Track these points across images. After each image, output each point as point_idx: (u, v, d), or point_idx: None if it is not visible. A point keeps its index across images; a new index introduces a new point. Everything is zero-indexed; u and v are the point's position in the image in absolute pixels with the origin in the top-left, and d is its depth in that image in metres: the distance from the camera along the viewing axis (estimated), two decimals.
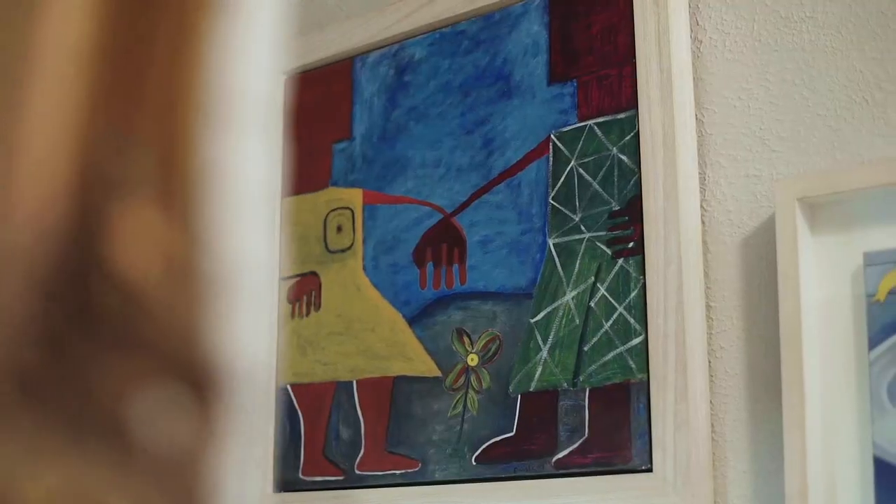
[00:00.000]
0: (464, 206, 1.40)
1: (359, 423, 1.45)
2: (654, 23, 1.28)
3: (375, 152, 1.50)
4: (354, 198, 1.51)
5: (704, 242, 1.26)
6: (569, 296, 1.29)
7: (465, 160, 1.41)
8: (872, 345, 1.12)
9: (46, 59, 0.30)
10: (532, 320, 1.32)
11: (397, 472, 1.40)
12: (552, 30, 1.36)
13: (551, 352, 1.29)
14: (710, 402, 1.23)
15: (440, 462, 1.36)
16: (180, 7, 0.31)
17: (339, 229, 1.52)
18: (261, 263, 0.34)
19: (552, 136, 1.34)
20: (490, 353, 1.34)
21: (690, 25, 1.31)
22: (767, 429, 1.20)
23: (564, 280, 1.30)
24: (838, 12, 1.22)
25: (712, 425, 1.22)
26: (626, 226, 1.27)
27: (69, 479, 0.27)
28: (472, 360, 1.36)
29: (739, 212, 1.25)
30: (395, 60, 1.51)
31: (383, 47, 1.52)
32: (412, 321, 1.42)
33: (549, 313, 1.31)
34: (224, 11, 0.33)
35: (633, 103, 1.28)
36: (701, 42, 1.31)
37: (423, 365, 1.40)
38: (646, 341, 1.23)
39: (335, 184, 1.54)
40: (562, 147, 1.33)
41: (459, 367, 1.37)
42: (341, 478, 1.45)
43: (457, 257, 1.39)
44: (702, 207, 1.27)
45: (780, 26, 1.26)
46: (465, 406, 1.35)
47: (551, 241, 1.32)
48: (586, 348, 1.27)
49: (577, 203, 1.31)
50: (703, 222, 1.27)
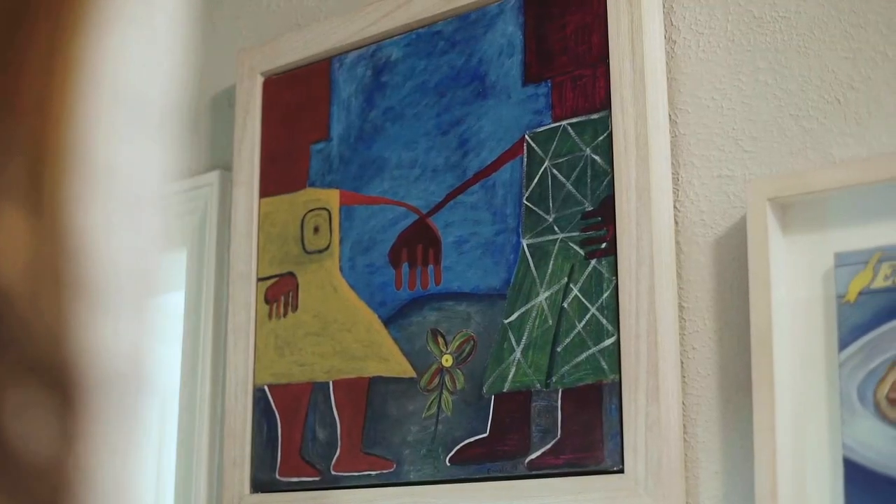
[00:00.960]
0: (439, 206, 1.40)
1: (335, 424, 1.45)
2: (627, 23, 1.27)
3: (352, 153, 1.50)
4: (331, 198, 1.51)
5: (677, 243, 1.26)
6: (542, 296, 1.29)
7: (440, 161, 1.41)
8: (842, 346, 1.12)
9: None
10: (506, 321, 1.32)
11: (372, 472, 1.40)
12: (527, 30, 1.36)
13: (525, 352, 1.29)
14: (683, 402, 1.23)
15: (415, 463, 1.36)
16: (56, 13, 0.31)
17: (316, 230, 1.52)
18: (143, 267, 0.34)
19: (526, 136, 1.34)
20: (464, 354, 1.34)
21: (664, 25, 1.31)
22: (739, 429, 1.19)
23: (538, 281, 1.30)
24: (811, 12, 1.22)
25: (684, 426, 1.22)
26: (598, 226, 1.26)
27: None
28: (446, 360, 1.36)
29: (712, 212, 1.25)
30: (372, 61, 1.50)
31: (361, 48, 1.52)
32: (388, 322, 1.42)
33: (522, 314, 1.30)
34: (108, 16, 0.33)
35: (607, 104, 1.28)
36: (675, 42, 1.31)
37: (398, 366, 1.40)
38: (618, 342, 1.22)
39: (313, 184, 1.54)
40: (536, 147, 1.33)
41: (434, 367, 1.37)
42: (317, 478, 1.45)
43: (432, 258, 1.39)
44: (675, 208, 1.27)
45: (753, 26, 1.26)
46: (439, 407, 1.35)
47: (525, 242, 1.32)
48: (559, 349, 1.27)
49: (550, 203, 1.31)
50: (676, 222, 1.27)
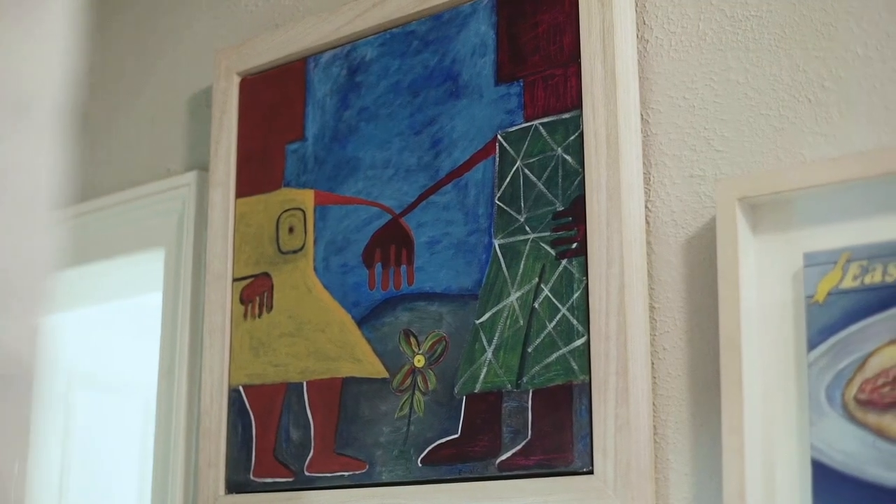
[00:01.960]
0: (412, 206, 1.40)
1: (308, 425, 1.44)
2: (599, 22, 1.27)
3: (327, 153, 1.49)
4: (306, 198, 1.51)
5: (649, 243, 1.26)
6: (513, 297, 1.29)
7: (413, 161, 1.41)
8: (811, 346, 1.12)
9: None
10: (477, 321, 1.31)
11: (345, 473, 1.39)
12: (500, 29, 1.36)
13: (496, 353, 1.29)
14: (653, 403, 1.22)
15: (387, 464, 1.36)
16: None
17: (290, 230, 1.51)
18: (31, 266, 0.33)
19: (499, 136, 1.33)
20: (436, 355, 1.34)
21: (637, 24, 1.30)
22: (709, 431, 1.19)
23: (509, 281, 1.29)
24: (783, 11, 1.21)
25: (654, 427, 1.22)
26: (569, 226, 1.26)
27: None
28: (418, 361, 1.35)
29: (683, 212, 1.24)
30: (347, 61, 1.50)
31: (336, 47, 1.51)
32: (361, 322, 1.41)
33: (493, 314, 1.30)
34: None
35: (578, 103, 1.27)
36: (647, 41, 1.30)
37: (371, 366, 1.40)
38: (588, 343, 1.22)
39: (288, 185, 1.53)
40: (508, 147, 1.32)
41: (406, 368, 1.36)
42: (291, 479, 1.45)
43: (405, 258, 1.39)
44: (646, 208, 1.26)
45: (725, 25, 1.25)
46: (411, 407, 1.35)
47: (497, 242, 1.31)
48: (530, 349, 1.26)
49: (522, 203, 1.30)
50: (647, 223, 1.26)
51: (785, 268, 1.15)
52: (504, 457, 1.26)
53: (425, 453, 1.33)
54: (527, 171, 1.30)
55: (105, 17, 1.99)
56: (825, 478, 1.09)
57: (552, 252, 1.27)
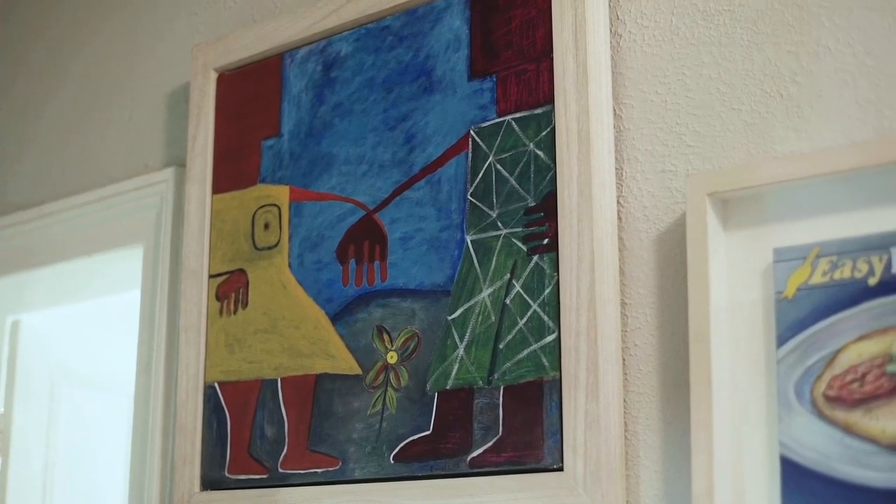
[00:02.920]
0: (385, 202, 1.39)
1: (283, 422, 1.44)
2: (571, 17, 1.26)
3: (302, 149, 1.49)
4: (281, 195, 1.50)
5: (621, 238, 1.25)
6: (485, 293, 1.28)
7: (387, 156, 1.40)
8: (781, 342, 1.11)
9: None
10: (449, 317, 1.31)
11: (318, 470, 1.39)
12: (473, 24, 1.35)
13: (468, 349, 1.28)
14: (624, 400, 1.21)
15: (359, 461, 1.35)
16: None
17: (266, 226, 1.51)
18: None
19: (472, 131, 1.33)
20: (409, 351, 1.33)
21: (610, 19, 1.29)
22: (680, 427, 1.18)
23: (481, 277, 1.29)
24: (755, 5, 1.21)
25: (625, 423, 1.21)
26: (541, 222, 1.25)
27: None
28: (391, 357, 1.35)
29: (655, 207, 1.24)
30: (322, 56, 1.49)
31: (311, 43, 1.51)
32: (335, 318, 1.41)
33: (465, 310, 1.29)
34: None
35: (551, 98, 1.27)
36: (621, 36, 1.29)
37: (344, 363, 1.39)
38: (559, 339, 1.21)
39: (264, 181, 1.53)
40: (480, 143, 1.32)
41: (379, 364, 1.36)
42: (265, 476, 1.44)
43: (378, 254, 1.38)
44: (619, 203, 1.26)
45: (697, 19, 1.24)
46: (384, 404, 1.34)
47: (469, 238, 1.31)
48: (501, 346, 1.26)
49: (494, 199, 1.29)
50: (619, 218, 1.25)
51: (755, 263, 1.15)
52: (475, 454, 1.26)
53: (397, 450, 1.32)
54: (499, 166, 1.30)
55: (83, 13, 1.99)
56: (794, 475, 1.08)
57: (524, 248, 1.26)
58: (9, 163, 2.05)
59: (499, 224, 1.29)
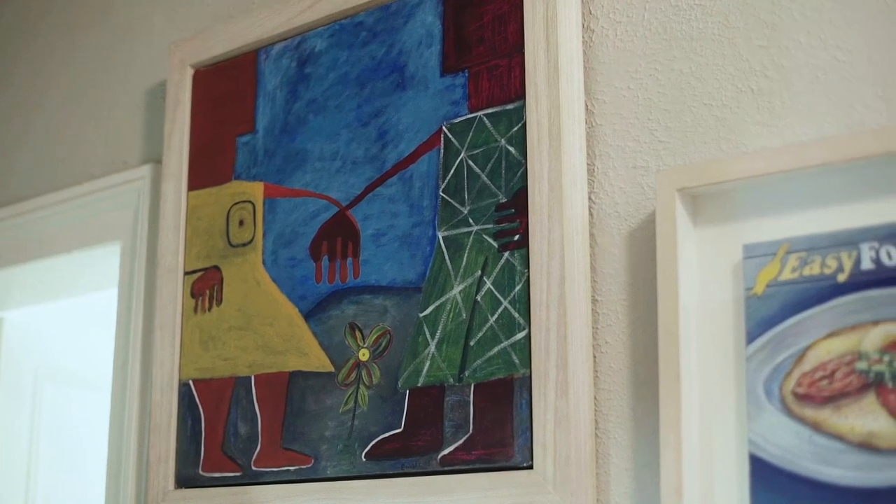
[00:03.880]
0: (358, 199, 1.38)
1: (256, 419, 1.43)
2: (542, 12, 1.25)
3: (277, 145, 1.48)
4: (256, 191, 1.49)
5: (592, 235, 1.24)
6: (456, 290, 1.27)
7: (360, 153, 1.39)
8: (750, 339, 1.10)
9: None
10: (421, 314, 1.30)
11: (291, 468, 1.38)
12: (446, 20, 1.34)
13: (439, 346, 1.27)
14: (594, 397, 1.21)
15: (332, 458, 1.34)
16: None
17: (241, 223, 1.50)
18: None
19: (444, 127, 1.32)
20: (381, 348, 1.33)
21: (582, 14, 1.29)
22: (650, 425, 1.17)
23: (452, 274, 1.28)
24: (727, 0, 1.20)
25: (596, 421, 1.20)
26: (512, 218, 1.25)
27: None
28: (363, 354, 1.34)
29: (627, 204, 1.23)
30: (297, 52, 1.49)
31: (286, 39, 1.50)
32: (308, 316, 1.40)
33: (437, 307, 1.29)
34: None
35: (522, 94, 1.26)
36: (593, 31, 1.28)
37: (317, 360, 1.38)
38: (529, 336, 1.20)
39: (239, 177, 1.52)
40: (452, 139, 1.31)
41: (351, 361, 1.35)
42: (239, 474, 1.44)
43: (351, 251, 1.38)
44: (590, 199, 1.25)
45: (669, 14, 1.24)
46: (356, 401, 1.33)
47: (441, 234, 1.30)
48: (472, 343, 1.25)
49: (465, 195, 1.29)
50: (591, 214, 1.25)
51: (725, 259, 1.14)
52: (446, 451, 1.25)
53: (369, 448, 1.31)
54: (471, 162, 1.29)
55: (61, 10, 1.98)
56: (762, 472, 1.07)
57: (495, 244, 1.25)
58: None
59: (470, 220, 1.28)
